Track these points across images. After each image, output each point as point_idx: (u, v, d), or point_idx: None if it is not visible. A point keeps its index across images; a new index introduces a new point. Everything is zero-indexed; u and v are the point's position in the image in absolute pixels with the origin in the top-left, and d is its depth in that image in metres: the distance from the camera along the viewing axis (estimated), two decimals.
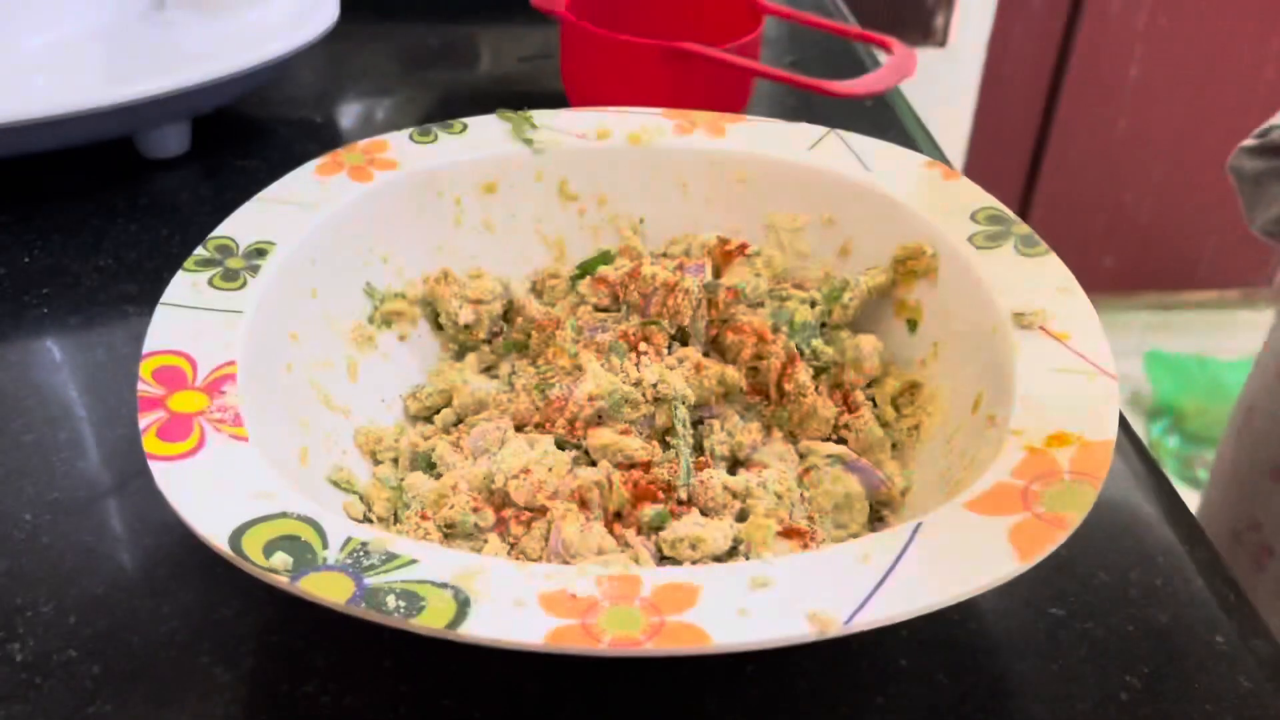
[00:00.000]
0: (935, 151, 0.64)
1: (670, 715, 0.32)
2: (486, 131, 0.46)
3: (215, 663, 0.33)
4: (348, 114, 0.67)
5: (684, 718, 0.32)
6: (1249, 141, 0.63)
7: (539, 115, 0.47)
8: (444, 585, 0.26)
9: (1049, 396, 0.32)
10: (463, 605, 0.26)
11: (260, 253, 0.38)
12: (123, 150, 0.58)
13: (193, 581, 0.35)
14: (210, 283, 0.37)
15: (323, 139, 0.63)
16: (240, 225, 0.39)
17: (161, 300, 0.36)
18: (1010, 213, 0.40)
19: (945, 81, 1.67)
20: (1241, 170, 0.63)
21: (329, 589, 0.26)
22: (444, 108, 0.68)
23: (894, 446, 0.39)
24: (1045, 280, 0.37)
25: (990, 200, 0.41)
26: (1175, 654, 0.34)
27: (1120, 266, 1.88)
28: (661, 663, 0.33)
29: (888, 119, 0.66)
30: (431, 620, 0.25)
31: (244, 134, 0.62)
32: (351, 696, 0.32)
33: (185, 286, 0.36)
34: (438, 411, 0.41)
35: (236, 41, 0.57)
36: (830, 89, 0.54)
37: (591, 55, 0.60)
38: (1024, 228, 0.39)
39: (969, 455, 0.34)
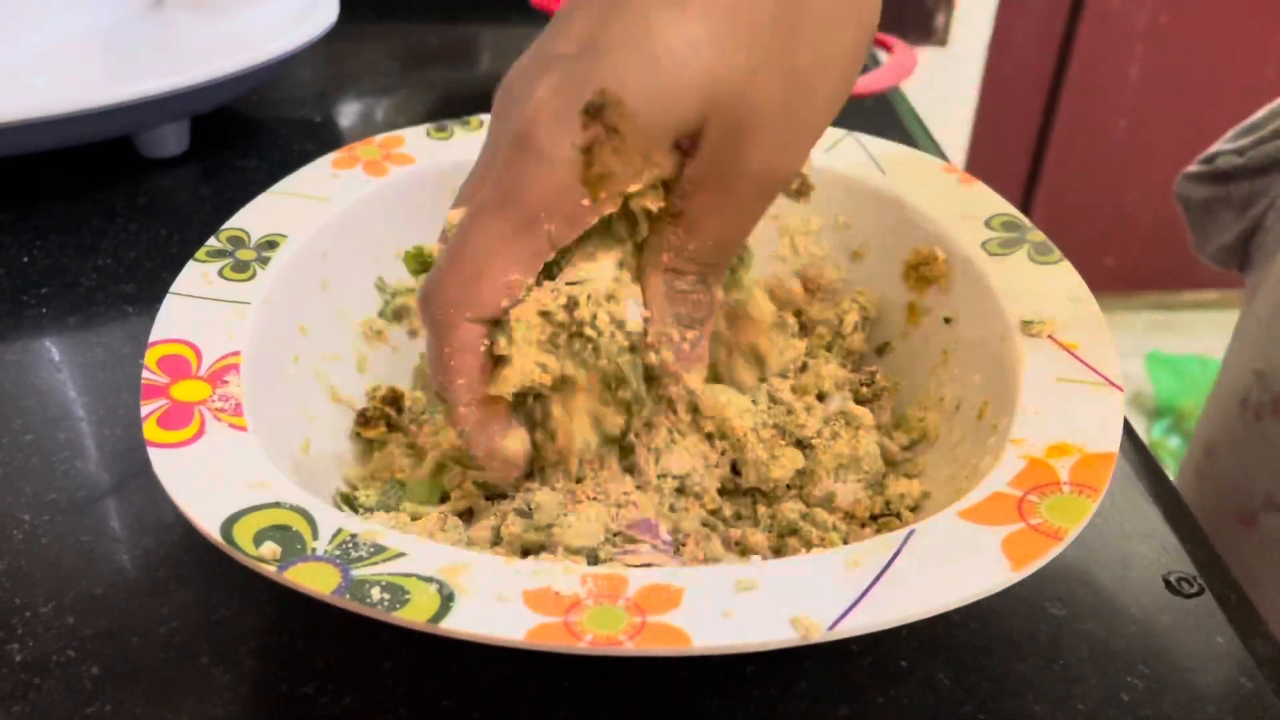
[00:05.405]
0: (935, 151, 0.64)
1: (670, 715, 0.32)
2: None
3: (215, 663, 0.33)
4: (347, 113, 0.67)
5: (684, 718, 0.32)
6: (1194, 168, 0.61)
7: None
8: (429, 579, 0.26)
9: (1053, 406, 0.32)
10: (446, 600, 0.26)
11: (272, 245, 0.38)
12: (122, 150, 0.58)
13: (193, 581, 0.35)
14: (220, 273, 0.37)
15: (322, 138, 0.63)
16: (254, 217, 0.40)
17: (171, 290, 0.36)
18: (1025, 219, 0.40)
19: (945, 81, 1.67)
20: (1189, 199, 0.61)
21: (315, 579, 0.26)
22: (444, 107, 0.68)
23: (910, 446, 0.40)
24: (1056, 288, 0.37)
25: (1005, 206, 0.41)
26: (1175, 654, 0.34)
27: (1121, 266, 1.88)
28: (662, 663, 0.33)
29: (888, 119, 0.66)
30: (414, 614, 0.25)
31: (243, 134, 0.62)
32: (351, 696, 0.32)
33: (195, 277, 0.37)
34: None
35: (236, 41, 0.57)
36: None
37: None
38: (1038, 235, 0.39)
39: (971, 464, 0.34)
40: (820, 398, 0.39)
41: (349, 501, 0.36)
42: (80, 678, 0.32)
